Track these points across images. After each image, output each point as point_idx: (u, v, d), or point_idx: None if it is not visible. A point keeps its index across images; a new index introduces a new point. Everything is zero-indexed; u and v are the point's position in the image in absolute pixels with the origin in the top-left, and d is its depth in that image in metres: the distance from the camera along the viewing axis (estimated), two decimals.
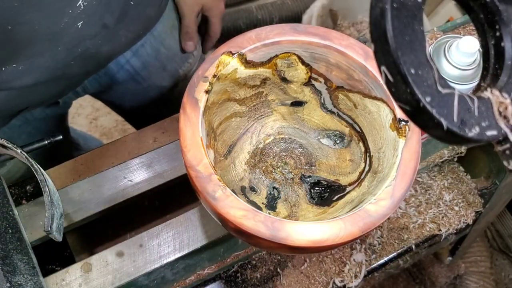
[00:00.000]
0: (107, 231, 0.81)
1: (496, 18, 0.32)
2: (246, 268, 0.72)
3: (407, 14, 0.27)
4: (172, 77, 0.84)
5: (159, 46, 0.78)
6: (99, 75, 0.77)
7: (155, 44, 0.77)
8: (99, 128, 1.73)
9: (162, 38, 0.78)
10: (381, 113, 0.55)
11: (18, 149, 0.57)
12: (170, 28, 0.79)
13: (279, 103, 0.65)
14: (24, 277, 0.56)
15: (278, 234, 0.46)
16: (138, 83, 0.81)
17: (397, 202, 0.48)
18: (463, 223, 0.79)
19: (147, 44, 0.76)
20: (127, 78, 0.80)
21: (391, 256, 0.75)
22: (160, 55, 0.79)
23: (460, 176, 0.83)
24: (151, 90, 0.85)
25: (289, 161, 0.65)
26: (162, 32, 0.77)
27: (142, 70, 0.79)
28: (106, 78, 0.78)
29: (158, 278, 0.68)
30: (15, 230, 0.59)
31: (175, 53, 0.82)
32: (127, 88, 0.82)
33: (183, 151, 0.49)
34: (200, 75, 0.54)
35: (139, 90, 0.83)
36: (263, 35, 0.55)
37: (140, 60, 0.78)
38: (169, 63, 0.82)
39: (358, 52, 0.55)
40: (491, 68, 0.33)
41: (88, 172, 0.70)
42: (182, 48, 0.82)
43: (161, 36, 0.77)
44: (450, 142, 0.30)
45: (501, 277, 1.39)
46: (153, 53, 0.78)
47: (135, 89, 0.83)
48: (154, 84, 0.83)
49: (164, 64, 0.81)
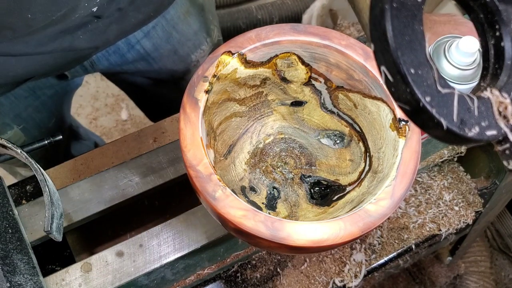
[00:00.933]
0: (107, 231, 0.81)
1: (496, 18, 0.32)
2: (246, 268, 0.72)
3: (407, 14, 0.28)
4: (183, 62, 0.85)
5: (171, 30, 0.79)
6: (108, 53, 0.77)
7: (167, 27, 0.78)
8: (99, 128, 1.73)
9: (174, 22, 0.79)
10: (381, 113, 0.55)
11: (18, 149, 0.58)
12: (184, 14, 0.79)
13: (279, 103, 0.65)
14: (24, 277, 0.56)
15: (278, 234, 0.46)
16: (149, 63, 0.82)
17: (397, 202, 0.48)
18: (463, 223, 0.79)
19: (158, 26, 0.77)
20: (138, 58, 0.80)
21: (391, 256, 0.75)
22: (172, 39, 0.80)
23: (460, 176, 0.83)
24: (163, 73, 0.85)
25: (289, 161, 0.65)
26: (174, 16, 0.78)
27: (153, 51, 0.80)
28: (116, 57, 0.79)
29: (158, 278, 0.68)
30: (15, 230, 0.59)
31: (188, 38, 0.82)
32: (137, 69, 0.83)
33: (183, 151, 0.49)
34: (200, 75, 0.54)
35: (150, 71, 0.84)
36: (263, 35, 0.55)
37: (151, 41, 0.78)
38: (180, 48, 0.83)
39: (358, 52, 0.55)
40: (491, 68, 0.33)
41: (88, 172, 0.70)
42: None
43: (173, 20, 0.78)
44: (450, 142, 0.30)
45: (501, 277, 1.39)
46: (165, 36, 0.79)
47: (146, 70, 0.84)
48: (165, 67, 0.84)
49: (175, 48, 0.82)
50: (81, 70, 0.79)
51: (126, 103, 1.75)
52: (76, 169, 0.71)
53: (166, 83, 0.88)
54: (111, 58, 0.79)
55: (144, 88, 0.91)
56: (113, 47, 0.76)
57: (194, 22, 0.82)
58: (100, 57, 0.77)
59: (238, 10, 1.65)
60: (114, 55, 0.78)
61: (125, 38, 0.74)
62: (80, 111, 1.75)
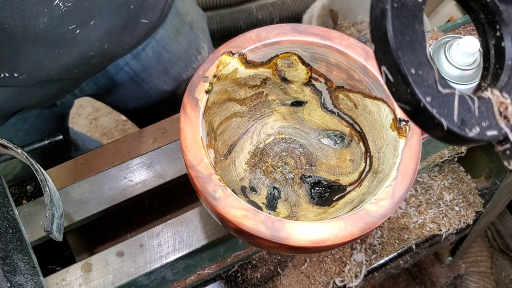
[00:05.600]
0: (107, 231, 0.81)
1: (496, 18, 0.32)
2: (246, 268, 0.72)
3: (408, 14, 0.28)
4: (175, 81, 0.84)
5: (162, 50, 0.78)
6: (97, 77, 0.76)
7: (157, 48, 0.77)
8: (99, 128, 1.73)
9: (164, 42, 0.77)
10: (381, 113, 0.55)
11: (18, 149, 0.57)
12: (174, 33, 0.78)
13: (279, 103, 0.65)
14: (25, 277, 0.56)
15: (278, 234, 0.46)
16: (139, 85, 0.81)
17: (398, 202, 0.48)
18: (463, 223, 0.79)
19: (148, 47, 0.76)
20: (127, 80, 0.79)
21: (392, 256, 0.75)
22: (163, 59, 0.79)
23: (461, 176, 0.83)
24: (153, 93, 0.84)
25: (289, 161, 0.65)
26: (164, 36, 0.76)
27: (142, 72, 0.79)
28: (105, 80, 0.78)
29: (158, 278, 0.68)
30: (15, 230, 0.59)
31: (178, 58, 0.81)
32: (128, 90, 0.82)
33: (184, 151, 0.49)
34: (201, 75, 0.54)
35: (140, 92, 0.83)
36: (264, 35, 0.55)
37: (140, 62, 0.77)
38: (171, 68, 0.81)
39: (358, 52, 0.55)
40: (492, 68, 0.33)
41: (89, 172, 0.70)
42: None
43: (163, 40, 0.77)
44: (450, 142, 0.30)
45: (501, 277, 1.39)
46: (155, 56, 0.78)
47: (137, 91, 0.82)
48: (156, 87, 0.83)
49: (166, 68, 0.81)
50: (70, 97, 0.78)
51: None
52: (77, 169, 0.71)
53: (157, 103, 0.86)
54: (99, 81, 0.77)
55: (134, 106, 0.89)
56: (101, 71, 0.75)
57: (184, 40, 0.80)
58: (89, 82, 0.76)
59: (238, 10, 1.65)
60: (102, 78, 0.77)
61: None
62: (81, 111, 1.75)
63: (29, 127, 0.79)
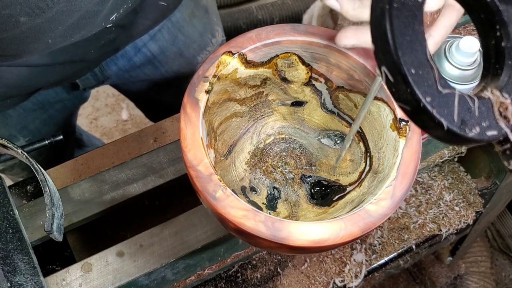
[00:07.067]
0: (107, 231, 0.81)
1: (496, 18, 0.32)
2: (246, 268, 0.72)
3: (408, 14, 0.28)
4: (189, 64, 0.86)
5: (177, 32, 0.80)
6: (116, 57, 0.78)
7: (173, 30, 0.79)
8: (99, 128, 1.73)
9: (180, 24, 0.79)
10: (381, 113, 0.55)
11: (18, 149, 0.58)
12: (189, 16, 0.80)
13: (279, 103, 0.65)
14: (25, 277, 0.56)
15: (278, 234, 0.46)
16: (156, 67, 0.83)
17: (398, 202, 0.48)
18: (463, 223, 0.79)
19: (164, 29, 0.78)
20: (145, 62, 0.81)
21: (392, 256, 0.75)
22: (178, 41, 0.81)
23: (461, 176, 0.83)
24: (169, 76, 0.86)
25: (289, 161, 0.65)
26: (180, 19, 0.79)
27: (159, 54, 0.81)
28: (123, 61, 0.80)
29: (158, 278, 0.68)
30: (15, 230, 0.59)
31: (193, 40, 0.83)
32: (144, 74, 0.84)
33: (184, 151, 0.49)
34: (201, 75, 0.54)
35: (157, 75, 0.85)
36: (264, 35, 0.55)
37: (157, 44, 0.79)
38: (186, 50, 0.83)
39: (358, 52, 0.55)
40: (492, 68, 0.33)
41: (89, 172, 0.70)
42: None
43: (179, 23, 0.79)
44: (450, 142, 0.30)
45: (501, 277, 1.39)
46: (171, 38, 0.80)
47: (153, 74, 0.84)
48: (171, 69, 0.85)
49: (181, 50, 0.83)
50: (92, 78, 0.80)
51: (127, 103, 1.74)
52: (77, 169, 0.71)
53: (170, 87, 0.89)
54: (119, 62, 0.79)
55: (149, 93, 0.92)
56: (120, 51, 0.77)
57: (199, 23, 0.82)
58: (109, 62, 0.78)
59: (238, 10, 1.65)
60: (121, 58, 0.79)
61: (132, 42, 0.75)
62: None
63: (47, 117, 0.81)
